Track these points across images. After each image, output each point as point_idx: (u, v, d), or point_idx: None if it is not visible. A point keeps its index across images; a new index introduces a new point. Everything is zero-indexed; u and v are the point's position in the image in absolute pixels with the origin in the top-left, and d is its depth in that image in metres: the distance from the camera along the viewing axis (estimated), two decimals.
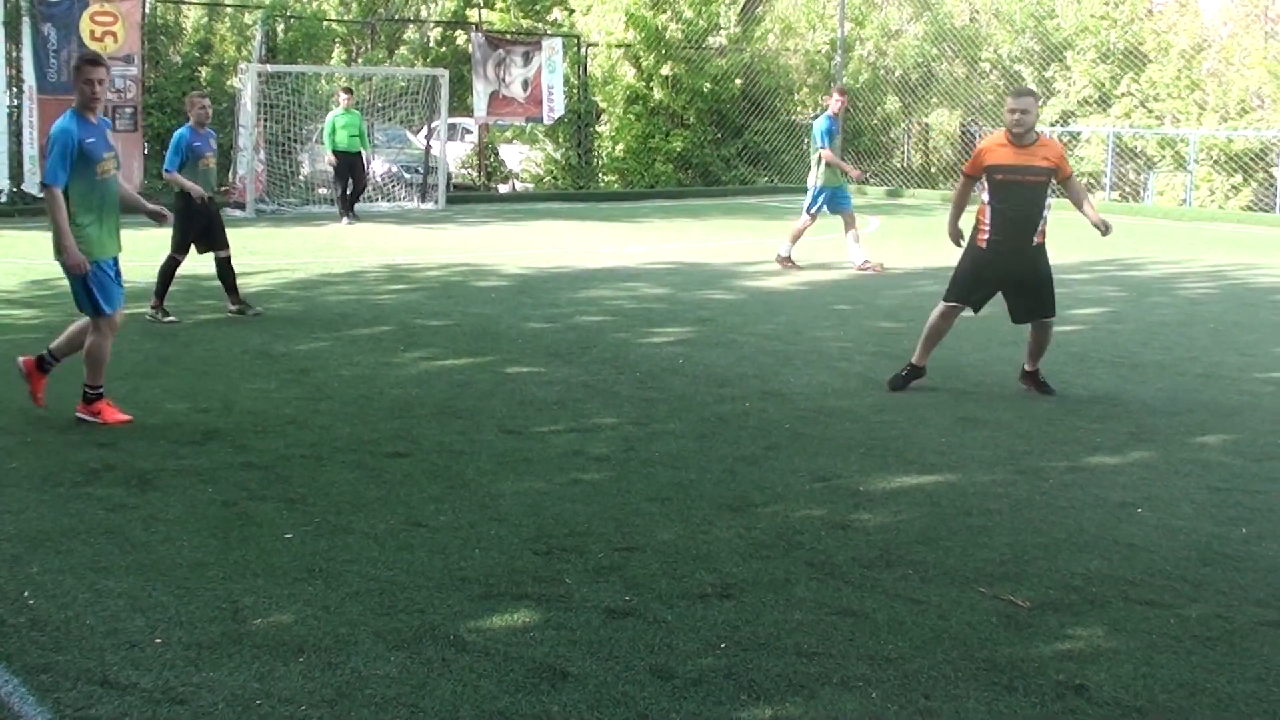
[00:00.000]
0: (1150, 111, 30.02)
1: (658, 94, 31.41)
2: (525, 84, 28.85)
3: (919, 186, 32.22)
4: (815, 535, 6.28)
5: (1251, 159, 27.80)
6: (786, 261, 17.21)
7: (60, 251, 8.02)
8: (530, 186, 31.76)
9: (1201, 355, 11.32)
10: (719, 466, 7.48)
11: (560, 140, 31.34)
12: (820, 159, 16.78)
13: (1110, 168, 30.18)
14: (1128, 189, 30.82)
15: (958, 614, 5.34)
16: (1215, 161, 28.33)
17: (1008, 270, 9.44)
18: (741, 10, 33.24)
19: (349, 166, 22.74)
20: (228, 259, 12.53)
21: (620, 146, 31.87)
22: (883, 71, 33.39)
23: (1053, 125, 31.11)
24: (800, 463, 7.58)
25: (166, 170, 12.26)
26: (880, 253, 18.61)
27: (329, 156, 23.05)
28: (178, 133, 12.34)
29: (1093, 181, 30.96)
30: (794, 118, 34.14)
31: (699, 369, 10.26)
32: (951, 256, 16.31)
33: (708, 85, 31.61)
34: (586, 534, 6.22)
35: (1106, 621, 5.33)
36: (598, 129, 32.03)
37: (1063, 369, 10.57)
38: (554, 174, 31.65)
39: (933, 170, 33.59)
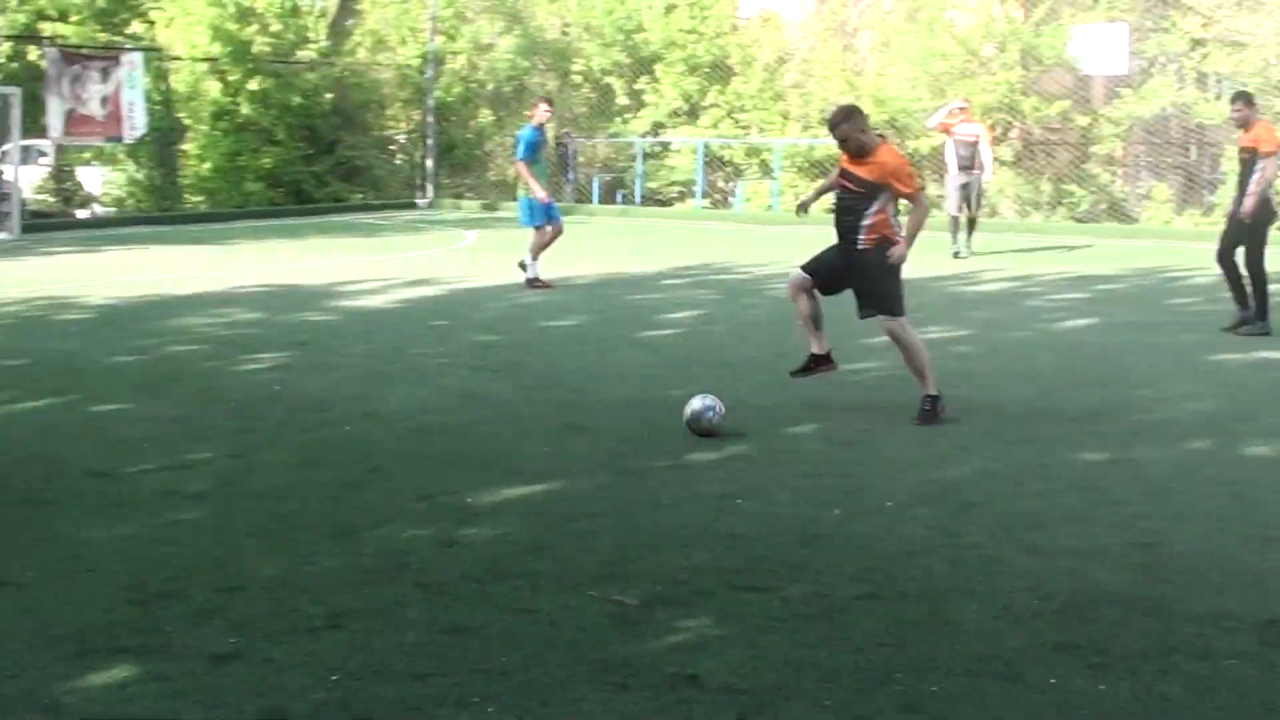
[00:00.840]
0: (737, 121, 31.08)
1: (245, 109, 30.57)
2: (104, 101, 27.59)
3: (514, 199, 32.39)
4: (423, 555, 6.22)
5: (832, 165, 28.99)
6: (540, 283, 16.35)
7: None
8: (112, 210, 30.49)
9: (793, 351, 11.65)
10: (322, 494, 7.32)
11: (143, 160, 30.15)
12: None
13: (701, 176, 31.10)
14: (717, 196, 31.82)
15: (569, 619, 5.37)
16: (799, 168, 29.55)
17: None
18: (331, 23, 32.80)
19: None
20: None
21: (207, 165, 30.84)
22: (475, 85, 33.50)
23: (643, 136, 31.87)
24: (404, 483, 7.50)
25: None
26: (477, 267, 18.70)
27: None
28: None
29: (684, 189, 31.86)
30: (387, 132, 33.96)
31: (297, 394, 10.03)
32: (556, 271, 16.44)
33: (297, 99, 31.01)
34: (185, 577, 5.94)
35: (713, 611, 5.46)
36: (183, 147, 31.04)
37: (662, 372, 10.83)
38: (137, 196, 30.39)
39: None
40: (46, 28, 31.25)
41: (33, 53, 31.22)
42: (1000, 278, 17.89)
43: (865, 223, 9.13)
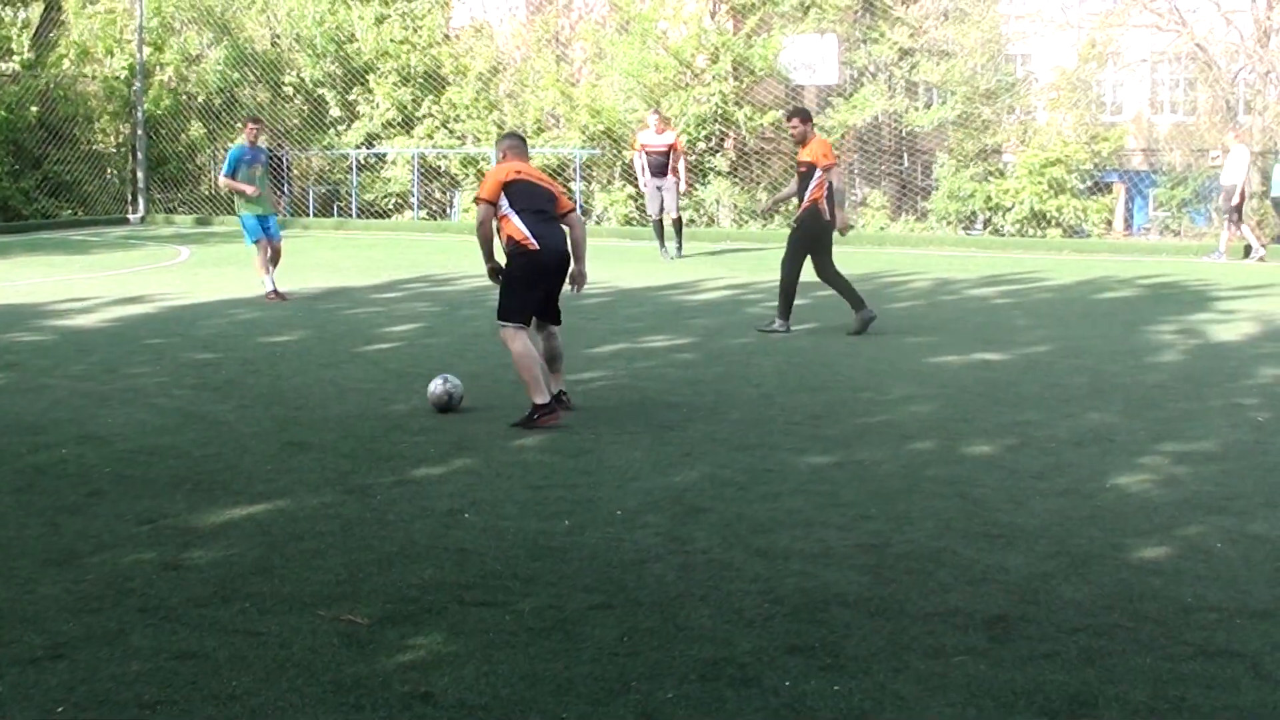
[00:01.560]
0: (452, 132, 30.97)
1: None
2: None
3: (229, 213, 31.75)
4: (147, 580, 6.06)
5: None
6: (274, 295, 16.38)
7: None
8: None
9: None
10: (39, 520, 7.07)
11: None
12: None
13: (417, 187, 30.93)
14: (435, 207, 31.67)
15: (299, 640, 5.30)
16: None
17: None
18: (34, 34, 31.69)
19: None
20: None
21: None
22: (185, 97, 32.73)
23: (357, 148, 31.55)
24: (125, 507, 7.29)
25: None
26: (193, 284, 18.25)
27: None
28: None
29: (400, 201, 31.62)
30: (95, 147, 32.95)
31: (9, 418, 9.66)
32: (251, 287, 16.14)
33: (1, 113, 29.94)
34: None
35: (445, 627, 5.45)
36: None
37: (383, 386, 10.75)
38: None
39: None
40: None
41: None
42: (720, 286, 18.24)
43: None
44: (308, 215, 31.66)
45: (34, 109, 30.90)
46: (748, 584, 5.95)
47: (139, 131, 31.85)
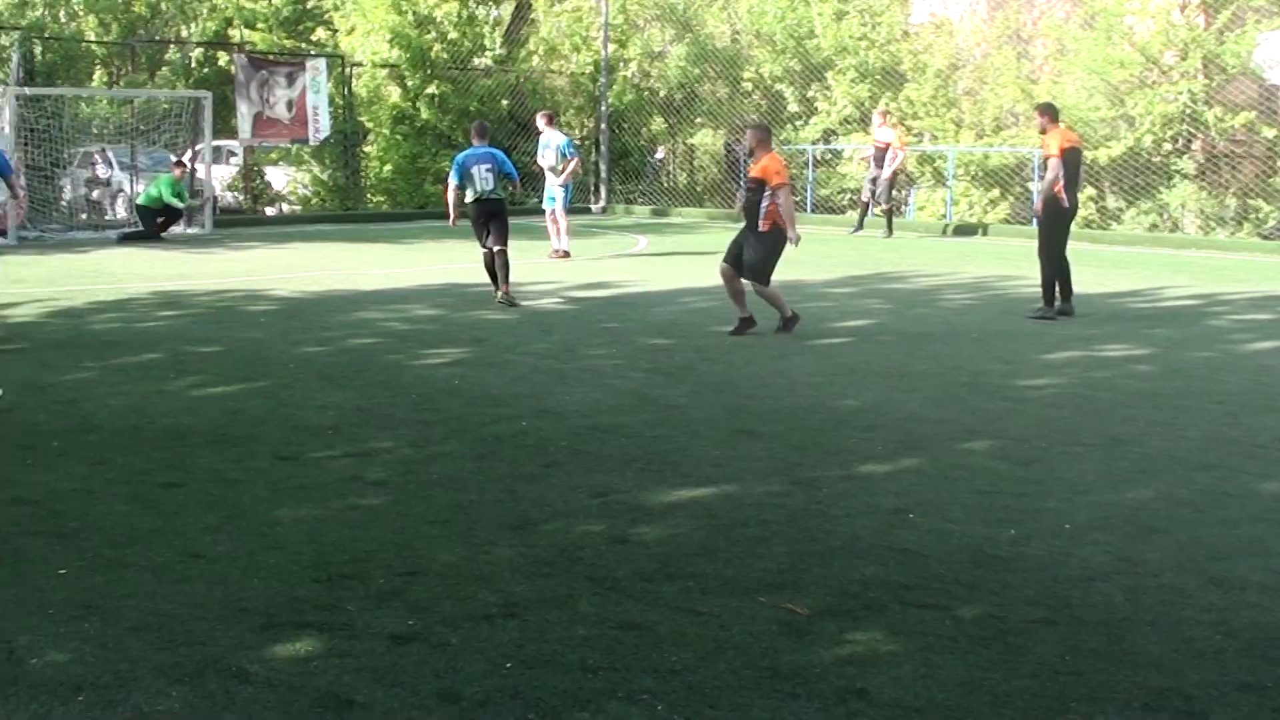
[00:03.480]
0: (909, 129, 30.73)
1: (424, 114, 31.17)
2: (290, 105, 28.40)
3: (685, 205, 32.56)
4: (596, 551, 6.29)
5: (1007, 174, 28.67)
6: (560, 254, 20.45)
7: None
8: (298, 209, 31.27)
9: (966, 364, 11.62)
10: (498, 486, 7.45)
11: (327, 161, 30.95)
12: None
13: None
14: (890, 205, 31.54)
15: (739, 624, 5.39)
16: (973, 177, 29.12)
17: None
18: (505, 32, 33.23)
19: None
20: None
21: (388, 167, 31.56)
22: (647, 92, 33.65)
23: (814, 144, 31.70)
24: (578, 479, 7.59)
25: None
26: (649, 270, 18.77)
27: None
28: None
29: (854, 197, 31.61)
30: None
31: (474, 389, 10.20)
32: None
33: (474, 105, 31.48)
34: (367, 560, 6.13)
35: (884, 625, 5.43)
36: (365, 149, 31.69)
37: (833, 380, 10.79)
38: (321, 195, 31.21)
39: (699, 189, 33.95)
40: (235, 35, 32.22)
41: (222, 58, 32.36)
42: (1182, 295, 17.46)
43: (763, 208, 13.11)
44: None
45: (504, 103, 32.38)
46: (1200, 613, 5.66)
47: (602, 125, 32.94)
